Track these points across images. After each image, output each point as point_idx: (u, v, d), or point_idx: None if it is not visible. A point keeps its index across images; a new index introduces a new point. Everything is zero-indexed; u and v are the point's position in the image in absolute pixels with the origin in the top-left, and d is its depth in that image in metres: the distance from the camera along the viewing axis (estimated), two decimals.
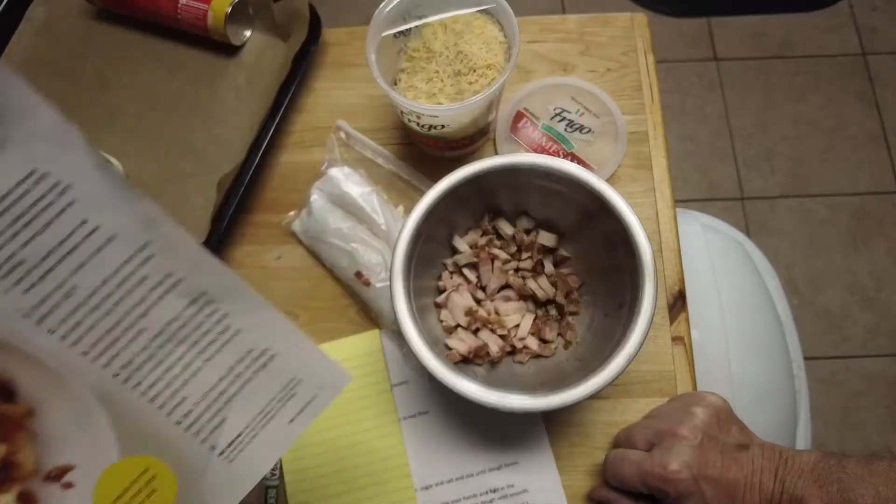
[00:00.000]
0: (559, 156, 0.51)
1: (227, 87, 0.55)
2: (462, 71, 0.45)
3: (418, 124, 0.46)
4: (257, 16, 0.56)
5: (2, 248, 0.24)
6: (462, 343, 0.44)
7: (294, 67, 0.54)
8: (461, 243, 0.47)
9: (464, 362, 0.44)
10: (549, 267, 0.47)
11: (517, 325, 0.45)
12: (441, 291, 0.47)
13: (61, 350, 0.26)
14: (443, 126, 0.45)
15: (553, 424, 0.46)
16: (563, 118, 0.52)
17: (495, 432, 0.46)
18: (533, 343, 0.45)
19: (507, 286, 0.47)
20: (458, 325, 0.45)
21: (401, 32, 0.45)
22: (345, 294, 0.51)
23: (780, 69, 1.39)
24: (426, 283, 0.46)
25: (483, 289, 0.47)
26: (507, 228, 0.47)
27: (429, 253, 0.44)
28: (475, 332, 0.45)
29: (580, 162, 0.50)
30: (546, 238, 0.46)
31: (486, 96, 0.42)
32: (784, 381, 0.66)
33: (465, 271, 0.47)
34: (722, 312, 0.64)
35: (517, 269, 0.47)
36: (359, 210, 0.49)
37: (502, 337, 0.45)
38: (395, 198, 0.52)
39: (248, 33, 0.57)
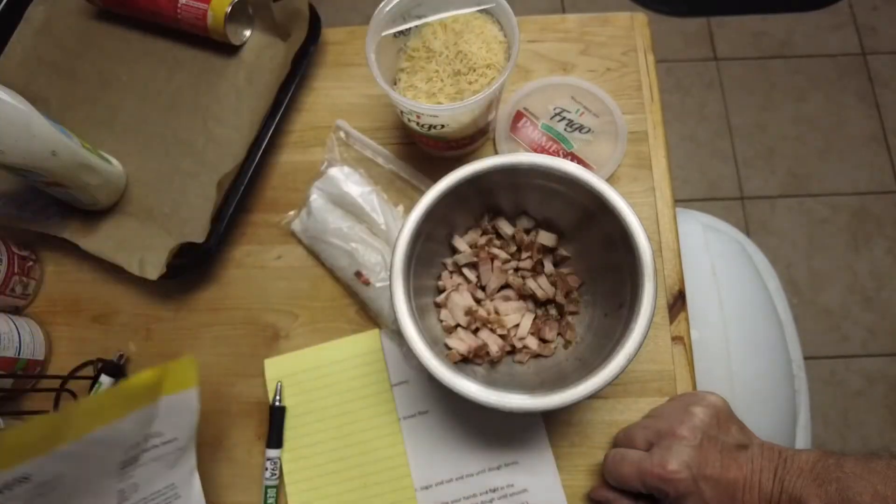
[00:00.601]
0: (559, 155, 0.51)
1: (226, 87, 0.55)
2: (462, 70, 0.45)
3: (418, 124, 0.46)
4: (257, 15, 0.56)
5: None
6: (462, 343, 0.44)
7: (294, 67, 0.53)
8: (461, 243, 0.47)
9: (464, 362, 0.44)
10: (548, 266, 0.47)
11: (517, 325, 0.45)
12: (441, 291, 0.47)
13: None
14: (442, 126, 0.45)
15: (553, 424, 0.46)
16: (563, 118, 0.52)
17: (495, 432, 0.46)
18: (533, 343, 0.45)
19: (506, 286, 0.47)
20: (458, 325, 0.45)
21: (400, 32, 0.45)
22: (344, 294, 0.51)
23: (780, 69, 1.39)
24: (426, 283, 0.46)
25: (483, 288, 0.47)
26: (506, 228, 0.47)
27: (429, 252, 0.44)
28: (475, 331, 0.45)
29: (580, 162, 0.50)
30: (546, 238, 0.46)
31: (485, 96, 0.42)
32: (784, 381, 0.66)
33: (465, 271, 0.47)
34: (722, 312, 0.64)
35: (517, 269, 0.47)
36: (358, 210, 0.49)
37: (502, 337, 0.45)
38: (394, 197, 0.52)
39: (247, 33, 0.57)
